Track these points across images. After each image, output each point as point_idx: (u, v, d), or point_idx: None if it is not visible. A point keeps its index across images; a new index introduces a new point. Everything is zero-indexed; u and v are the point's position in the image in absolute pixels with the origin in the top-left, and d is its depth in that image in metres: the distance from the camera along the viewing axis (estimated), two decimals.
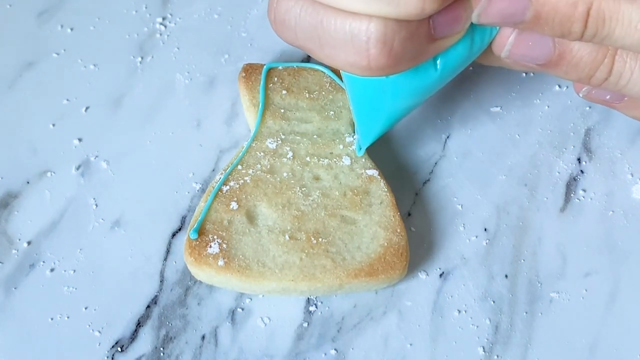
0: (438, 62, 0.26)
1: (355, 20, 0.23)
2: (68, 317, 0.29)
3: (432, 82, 0.27)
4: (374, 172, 0.32)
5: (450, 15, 0.24)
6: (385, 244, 0.30)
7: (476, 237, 0.32)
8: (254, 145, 0.32)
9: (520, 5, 0.23)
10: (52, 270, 0.31)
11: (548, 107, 0.36)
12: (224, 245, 0.29)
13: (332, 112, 0.33)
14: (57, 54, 0.37)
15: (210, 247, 0.29)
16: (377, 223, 0.30)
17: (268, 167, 0.31)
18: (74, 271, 0.31)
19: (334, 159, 0.32)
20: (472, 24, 0.25)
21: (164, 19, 0.39)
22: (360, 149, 0.32)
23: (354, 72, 0.24)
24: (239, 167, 0.31)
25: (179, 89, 0.36)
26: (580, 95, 0.29)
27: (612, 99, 0.29)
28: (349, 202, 0.31)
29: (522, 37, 0.26)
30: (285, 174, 0.31)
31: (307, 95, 0.34)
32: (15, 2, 0.39)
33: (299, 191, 0.31)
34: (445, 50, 0.25)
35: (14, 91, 0.36)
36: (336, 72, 0.34)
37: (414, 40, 0.23)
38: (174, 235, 0.32)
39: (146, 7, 0.39)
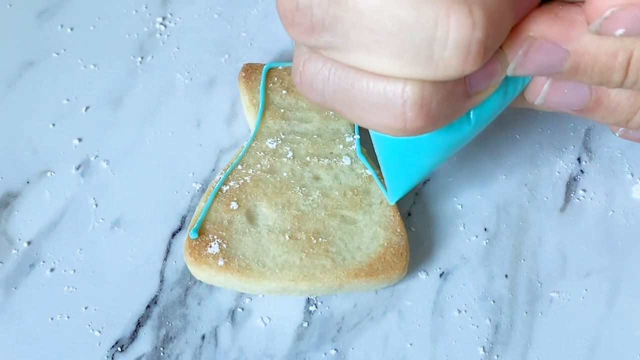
0: (471, 115, 0.25)
1: (389, 83, 0.21)
2: (68, 317, 0.29)
3: (465, 135, 0.26)
4: (374, 172, 0.32)
5: (486, 70, 0.23)
6: (385, 244, 0.30)
7: (476, 237, 0.32)
8: (254, 145, 0.32)
9: (558, 57, 0.22)
10: (52, 270, 0.31)
11: None
12: (224, 245, 0.29)
13: (332, 112, 0.33)
14: (57, 53, 0.37)
15: (210, 247, 0.29)
16: (377, 223, 0.30)
17: (268, 167, 0.31)
18: (74, 271, 0.31)
19: (334, 159, 0.32)
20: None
21: (164, 18, 0.39)
22: (392, 200, 0.31)
23: (388, 133, 0.23)
24: (239, 167, 0.31)
25: (179, 88, 0.36)
26: (617, 135, 0.28)
27: None
28: (349, 202, 0.31)
29: (557, 85, 0.24)
30: (285, 174, 0.31)
31: None
32: (15, 2, 0.39)
33: (299, 191, 0.31)
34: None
35: (14, 91, 0.36)
36: None
37: (451, 99, 0.22)
38: (174, 235, 0.32)
39: (146, 7, 0.39)
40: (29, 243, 0.31)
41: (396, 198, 0.30)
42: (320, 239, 0.30)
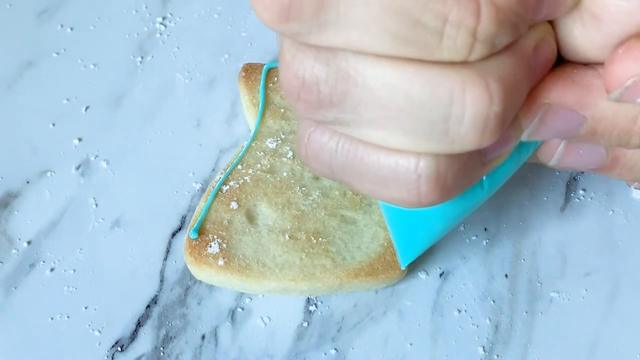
0: (484, 180, 0.24)
1: (402, 157, 0.20)
2: (68, 317, 0.29)
3: (478, 201, 0.25)
4: None
5: (501, 138, 0.21)
6: (385, 243, 0.30)
7: (476, 236, 0.32)
8: (254, 144, 0.32)
9: (575, 123, 0.21)
10: (52, 270, 0.31)
11: None
12: (224, 245, 0.29)
13: None
14: (57, 53, 0.37)
15: (210, 246, 0.29)
16: (377, 223, 0.30)
17: (268, 166, 0.31)
18: (74, 271, 0.31)
19: None
20: None
21: (164, 18, 0.39)
22: (403, 265, 0.30)
23: (401, 205, 0.22)
24: (239, 166, 0.31)
25: (179, 88, 0.36)
26: (633, 187, 0.28)
27: None
28: (349, 201, 0.31)
29: (572, 146, 0.24)
30: (285, 174, 0.31)
31: None
32: (15, 2, 0.39)
33: (299, 191, 0.31)
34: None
35: (14, 91, 0.36)
36: None
37: (466, 170, 0.21)
38: (174, 235, 0.32)
39: (146, 7, 0.39)
40: (29, 243, 0.31)
41: (406, 262, 0.29)
42: (320, 239, 0.30)
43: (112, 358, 0.29)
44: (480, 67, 0.19)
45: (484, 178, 0.24)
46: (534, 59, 0.20)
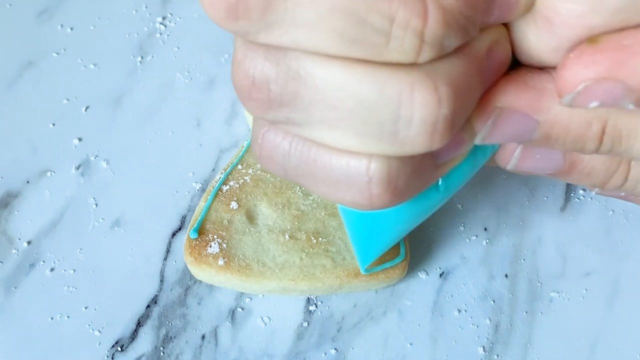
0: (440, 183, 0.24)
1: (353, 159, 0.20)
2: (68, 317, 0.29)
3: (434, 203, 0.25)
4: None
5: (453, 141, 0.21)
6: None
7: (476, 236, 0.32)
8: None
9: (528, 127, 0.21)
10: (52, 269, 0.31)
11: None
12: (224, 245, 0.29)
13: None
14: (57, 53, 0.37)
15: (210, 246, 0.29)
16: None
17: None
18: (74, 271, 0.31)
19: None
20: None
21: (164, 18, 0.39)
22: (362, 268, 0.29)
23: (354, 208, 0.22)
24: (239, 166, 0.31)
25: (178, 88, 0.36)
26: (594, 193, 0.27)
27: (626, 196, 0.26)
28: None
29: (529, 150, 0.23)
30: None
31: None
32: (15, 2, 0.39)
33: (298, 191, 0.31)
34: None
35: (14, 91, 0.36)
36: None
37: (419, 173, 0.21)
38: (174, 234, 0.32)
39: (146, 7, 0.39)
40: (29, 243, 0.31)
41: (365, 264, 0.29)
42: (320, 239, 0.30)
43: (112, 358, 0.29)
44: (429, 69, 0.19)
45: (440, 181, 0.24)
46: (487, 61, 0.20)
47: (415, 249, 0.31)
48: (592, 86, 0.19)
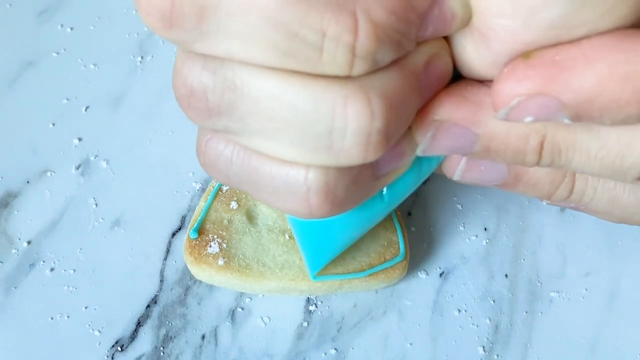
0: (384, 192, 0.24)
1: (292, 168, 0.20)
2: (68, 317, 0.29)
3: (379, 212, 0.25)
4: None
5: (393, 153, 0.21)
6: (385, 243, 0.30)
7: (476, 236, 0.32)
8: None
9: (467, 140, 0.21)
10: (52, 269, 0.31)
11: None
12: (224, 245, 0.29)
13: None
14: (57, 53, 0.37)
15: (210, 246, 0.29)
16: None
17: None
18: (74, 271, 0.31)
19: None
20: None
21: None
22: (311, 274, 0.29)
23: (295, 216, 0.22)
24: None
25: None
26: (545, 203, 0.28)
27: (576, 206, 0.27)
28: None
29: (474, 162, 0.24)
30: None
31: None
32: (15, 2, 0.39)
33: None
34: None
35: (14, 91, 0.36)
36: None
37: (358, 184, 0.21)
38: (174, 234, 0.32)
39: None
40: (29, 243, 0.31)
41: (315, 272, 0.29)
42: None
43: (112, 358, 0.29)
44: (363, 82, 0.19)
45: (385, 190, 0.24)
46: (425, 74, 0.20)
47: (415, 249, 0.31)
48: (526, 101, 0.19)
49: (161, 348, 0.29)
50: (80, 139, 0.34)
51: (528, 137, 0.21)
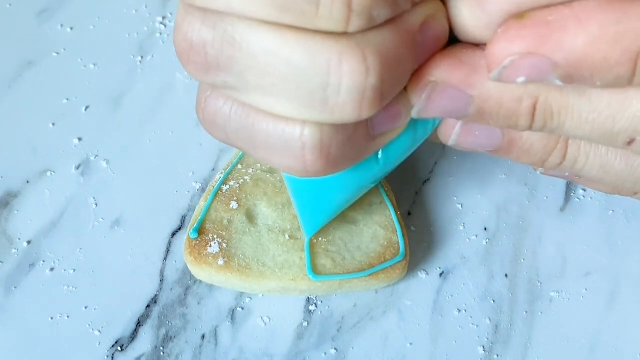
0: (380, 154, 0.24)
1: (288, 125, 0.21)
2: (68, 317, 0.29)
3: (375, 174, 0.26)
4: None
5: (388, 113, 0.22)
6: (385, 243, 0.30)
7: (476, 236, 0.32)
8: None
9: (462, 102, 0.22)
10: (52, 269, 0.31)
11: None
12: (224, 245, 0.29)
13: None
14: (57, 53, 0.37)
15: (210, 246, 0.29)
16: (377, 223, 0.30)
17: (268, 166, 0.31)
18: (74, 271, 0.31)
19: None
20: None
21: (164, 18, 0.39)
22: (306, 235, 0.29)
23: (291, 174, 0.22)
24: (239, 166, 0.31)
25: (179, 88, 0.36)
26: (539, 172, 0.28)
27: (570, 176, 0.27)
28: None
29: (468, 127, 0.24)
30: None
31: None
32: (15, 2, 0.39)
33: None
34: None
35: (14, 91, 0.36)
36: None
37: (353, 142, 0.22)
38: (174, 234, 0.32)
39: (146, 7, 0.39)
40: (29, 243, 0.31)
41: (310, 233, 0.29)
42: (320, 239, 0.30)
43: (112, 358, 0.29)
44: (359, 39, 0.19)
45: (380, 153, 0.24)
46: (421, 35, 0.21)
47: (415, 249, 0.31)
48: (518, 61, 0.20)
49: (161, 348, 0.29)
50: (80, 139, 0.34)
51: (521, 100, 0.21)
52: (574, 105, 0.21)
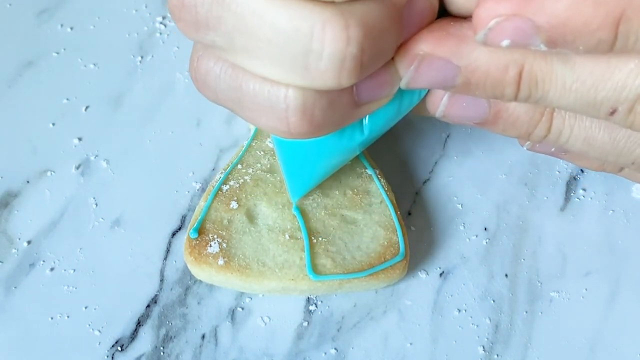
0: (366, 122, 0.25)
1: (273, 87, 0.21)
2: (68, 317, 0.29)
3: (359, 142, 0.26)
4: (373, 172, 0.32)
5: (375, 81, 0.23)
6: (385, 243, 0.30)
7: (476, 236, 0.32)
8: (253, 144, 0.32)
9: (450, 73, 0.22)
10: (52, 269, 0.31)
11: None
12: (224, 245, 0.29)
13: None
14: (57, 53, 0.37)
15: (210, 246, 0.29)
16: (377, 222, 0.30)
17: (268, 166, 0.31)
18: (74, 270, 0.31)
19: None
20: None
21: (163, 18, 0.39)
22: (293, 198, 0.30)
23: (276, 135, 0.23)
24: (239, 166, 0.31)
25: (178, 88, 0.36)
26: (525, 148, 0.28)
27: (556, 151, 0.28)
28: (349, 201, 0.31)
29: (456, 98, 0.25)
30: None
31: None
32: (15, 1, 0.39)
33: None
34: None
35: (14, 90, 0.36)
36: None
37: (336, 108, 0.22)
38: (174, 234, 0.32)
39: (146, 6, 0.39)
40: (29, 242, 0.31)
41: (297, 197, 0.30)
42: (320, 239, 0.30)
43: (112, 358, 0.29)
44: (344, 8, 0.20)
45: (366, 121, 0.25)
46: (408, 9, 0.21)
47: (415, 249, 0.31)
48: (503, 22, 0.20)
49: (161, 348, 0.29)
50: (80, 139, 0.34)
51: (507, 68, 0.22)
52: (557, 73, 0.22)
